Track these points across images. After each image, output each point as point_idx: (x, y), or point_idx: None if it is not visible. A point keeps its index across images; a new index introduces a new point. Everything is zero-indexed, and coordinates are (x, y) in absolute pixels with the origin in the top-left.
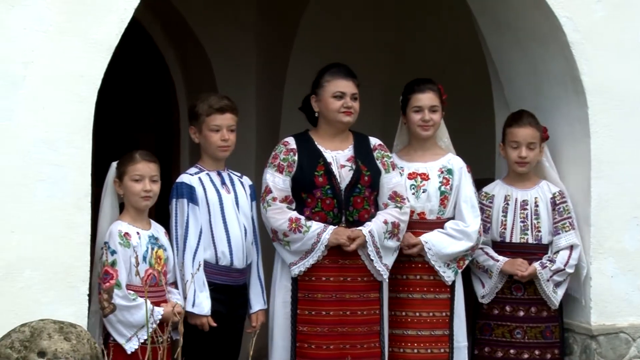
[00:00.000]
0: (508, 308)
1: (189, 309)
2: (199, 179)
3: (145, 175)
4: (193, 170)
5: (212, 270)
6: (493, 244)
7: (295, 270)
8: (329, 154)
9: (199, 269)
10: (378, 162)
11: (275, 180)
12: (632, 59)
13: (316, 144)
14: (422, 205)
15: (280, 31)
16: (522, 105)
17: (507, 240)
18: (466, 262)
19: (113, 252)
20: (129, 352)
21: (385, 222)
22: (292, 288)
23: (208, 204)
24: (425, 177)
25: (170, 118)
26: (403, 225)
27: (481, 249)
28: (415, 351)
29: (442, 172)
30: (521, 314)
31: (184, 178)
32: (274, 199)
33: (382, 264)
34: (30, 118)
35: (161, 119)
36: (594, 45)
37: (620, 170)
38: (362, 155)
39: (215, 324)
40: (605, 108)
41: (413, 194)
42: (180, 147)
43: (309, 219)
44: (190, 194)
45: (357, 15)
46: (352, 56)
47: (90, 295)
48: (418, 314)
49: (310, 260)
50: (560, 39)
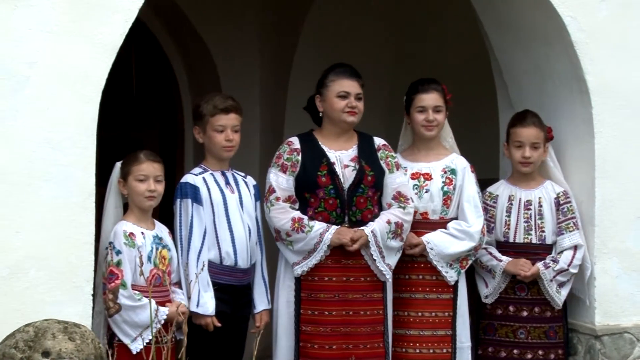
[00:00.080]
0: (511, 308)
1: (194, 309)
2: (203, 179)
3: (149, 175)
4: (197, 170)
5: (216, 270)
6: (497, 244)
7: (298, 270)
8: (333, 154)
9: (203, 269)
10: (382, 162)
11: (279, 180)
12: (637, 58)
13: (320, 144)
14: (425, 205)
15: (284, 31)
16: (526, 105)
17: (511, 240)
18: (469, 262)
19: (118, 252)
20: (134, 352)
21: (389, 222)
22: (296, 288)
23: (212, 204)
24: (428, 177)
25: (174, 118)
26: (407, 225)
27: (485, 249)
28: (418, 351)
29: (445, 172)
30: (525, 314)
31: (188, 178)
32: (277, 199)
33: (385, 264)
34: (35, 118)
35: (165, 119)
36: (598, 45)
37: (625, 171)
38: (366, 155)
39: (219, 324)
40: (609, 108)
41: (416, 194)
42: (184, 147)
43: (311, 218)
44: (194, 194)
45: (361, 15)
46: (356, 56)
47: (94, 295)
48: (420, 314)
49: (313, 260)
50: (564, 39)
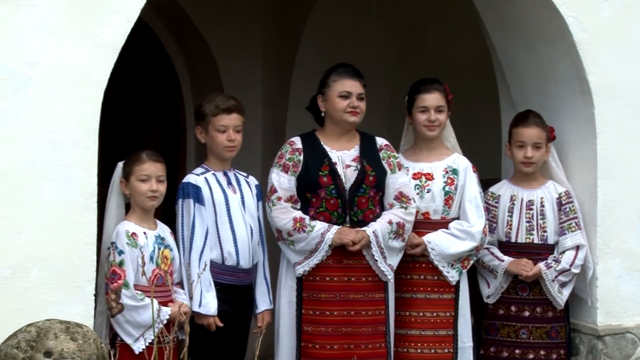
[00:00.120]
0: (513, 308)
1: (196, 309)
2: (205, 179)
3: (151, 175)
4: (199, 170)
5: (218, 270)
6: (499, 244)
7: (300, 270)
8: (335, 154)
9: (205, 269)
10: (384, 163)
11: (281, 180)
12: (639, 58)
13: (322, 144)
14: (427, 205)
15: (286, 31)
16: (529, 105)
17: (513, 240)
18: (471, 262)
19: (120, 252)
20: (136, 352)
21: (390, 223)
22: (297, 288)
23: (214, 204)
24: (429, 177)
25: (176, 118)
26: (408, 225)
27: (487, 249)
28: (419, 351)
29: (447, 172)
30: (526, 314)
31: (190, 178)
32: (279, 199)
33: (387, 264)
34: (37, 118)
35: (167, 119)
36: (600, 45)
37: (627, 171)
38: (368, 156)
39: (221, 324)
40: (611, 108)
41: (417, 194)
42: (186, 147)
43: (313, 218)
44: (196, 194)
45: (364, 15)
46: (358, 56)
47: (96, 295)
48: (422, 314)
49: (314, 260)
50: (566, 39)
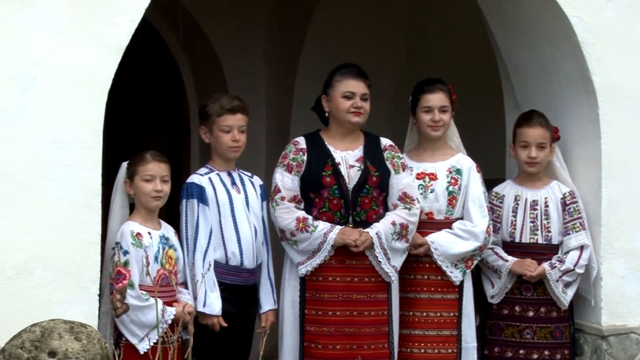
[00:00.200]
0: (517, 308)
1: (200, 309)
2: (209, 179)
3: (156, 176)
4: (203, 170)
5: (222, 270)
6: (503, 244)
7: (303, 270)
8: (339, 154)
9: (209, 269)
10: (388, 163)
11: (284, 180)
12: None
13: (326, 144)
14: (430, 206)
15: (290, 31)
16: (533, 105)
17: (517, 240)
18: (474, 262)
19: (125, 253)
20: (141, 352)
21: (393, 224)
22: (300, 288)
23: (218, 204)
24: (433, 177)
25: (180, 118)
26: (412, 226)
27: (491, 249)
28: (423, 351)
29: (451, 172)
30: (531, 314)
31: (194, 178)
32: (283, 199)
33: (391, 265)
34: (41, 118)
35: (171, 118)
36: (604, 45)
37: (631, 171)
38: (372, 156)
39: (225, 324)
40: (616, 108)
41: (421, 194)
42: (190, 147)
43: (316, 218)
44: (200, 194)
45: (368, 15)
46: (363, 56)
47: (100, 296)
48: (425, 314)
49: (317, 260)
50: (571, 39)
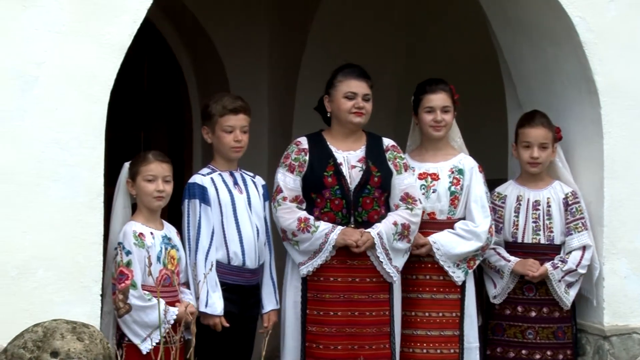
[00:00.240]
0: (520, 308)
1: (202, 309)
2: (211, 179)
3: (158, 176)
4: (205, 170)
5: (224, 270)
6: (505, 245)
7: (304, 270)
8: (341, 155)
9: (211, 270)
10: (390, 163)
11: (286, 180)
12: None
13: (328, 144)
14: (432, 206)
15: (292, 31)
16: (535, 105)
17: (519, 240)
18: (477, 263)
19: (128, 253)
20: (144, 352)
21: (395, 224)
22: (302, 288)
23: (220, 204)
24: (435, 177)
25: (182, 118)
26: (414, 227)
27: (493, 249)
28: (425, 351)
29: (453, 172)
30: (533, 314)
31: (196, 179)
32: (284, 199)
33: (392, 265)
34: (43, 118)
35: (173, 119)
36: (607, 45)
37: (634, 171)
38: (374, 156)
39: (227, 325)
40: (618, 108)
41: (423, 194)
42: (192, 148)
43: (318, 219)
44: (202, 194)
45: (370, 15)
46: (365, 56)
47: (103, 296)
48: (427, 314)
49: (318, 260)
50: (573, 39)
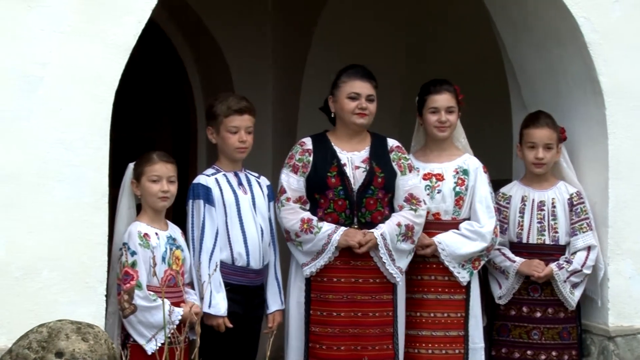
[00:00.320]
0: (525, 309)
1: (206, 309)
2: (216, 179)
3: (162, 176)
4: (210, 171)
5: (229, 270)
6: (510, 245)
7: (307, 271)
8: (345, 155)
9: (215, 270)
10: (394, 164)
11: (290, 181)
12: None
13: (332, 145)
14: (437, 206)
15: (297, 31)
16: (540, 105)
17: (524, 241)
18: (482, 263)
19: (133, 253)
20: (149, 353)
21: (399, 225)
22: (306, 289)
23: (224, 204)
24: (440, 178)
25: (187, 118)
26: (418, 227)
27: (498, 249)
28: (430, 352)
29: (458, 173)
30: (538, 314)
31: (200, 179)
32: (288, 199)
33: (395, 266)
34: (48, 119)
35: (178, 119)
36: (612, 45)
37: (638, 172)
38: (378, 157)
39: (231, 325)
40: (623, 109)
41: (428, 194)
42: (197, 148)
43: (321, 219)
44: (206, 195)
45: (375, 15)
46: (370, 56)
47: (107, 296)
48: (432, 315)
49: (321, 261)
50: (578, 40)
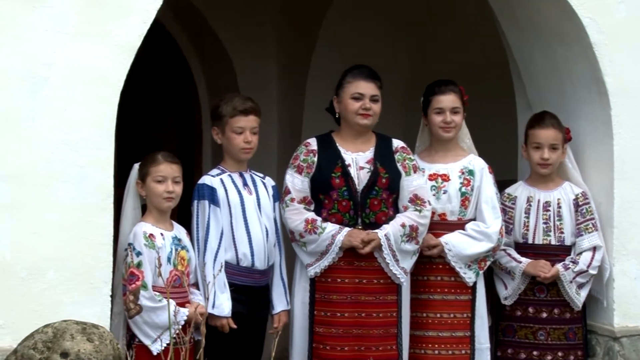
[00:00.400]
0: (531, 309)
1: (209, 310)
2: (221, 180)
3: (167, 177)
4: (215, 171)
5: (233, 271)
6: (515, 246)
7: (312, 272)
8: (349, 156)
9: (220, 271)
10: (399, 165)
11: (294, 181)
12: None
13: (337, 145)
14: (443, 207)
15: (302, 32)
16: (545, 106)
17: (530, 241)
18: (487, 263)
19: (138, 254)
20: (155, 353)
21: (403, 225)
22: (310, 289)
23: (229, 205)
24: (445, 178)
25: (192, 119)
26: (422, 228)
27: (504, 250)
28: (436, 352)
29: (463, 173)
30: (544, 315)
31: (205, 179)
32: (292, 200)
33: (399, 267)
34: (53, 119)
35: (183, 119)
36: (617, 46)
37: None
38: (382, 158)
39: (235, 326)
40: (628, 109)
41: (434, 195)
42: (202, 148)
43: (325, 220)
44: (211, 195)
45: (380, 15)
46: (375, 57)
47: (112, 297)
48: (439, 315)
49: (325, 261)
50: (583, 40)
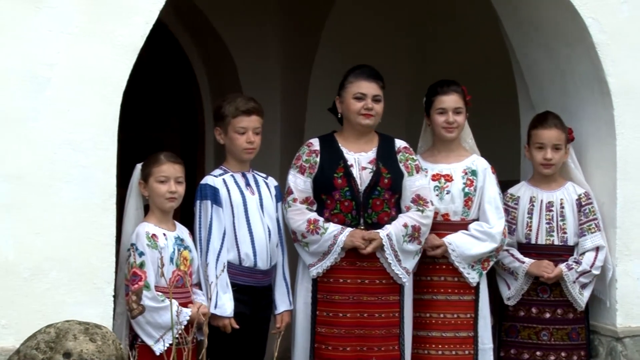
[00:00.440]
0: (534, 310)
1: (212, 310)
2: (223, 180)
3: (170, 177)
4: (217, 171)
5: (236, 271)
6: (518, 246)
7: (314, 272)
8: (352, 156)
9: (223, 271)
10: (401, 165)
11: (297, 182)
12: None
13: (340, 145)
14: (446, 207)
15: (304, 32)
16: (548, 106)
17: (533, 241)
18: (491, 264)
19: (141, 254)
20: (157, 353)
21: (405, 226)
22: (312, 289)
23: (232, 205)
24: (449, 179)
25: (195, 119)
26: (424, 228)
27: (507, 250)
28: (440, 353)
29: (466, 174)
30: (547, 315)
31: (208, 180)
32: (295, 200)
33: (402, 267)
34: (56, 120)
35: (186, 120)
36: (619, 46)
37: None
38: (385, 158)
39: (237, 326)
40: (631, 109)
41: (437, 195)
42: (205, 149)
43: (327, 220)
44: (214, 195)
45: (382, 16)
46: (377, 57)
47: (115, 297)
48: (442, 316)
49: (327, 262)
50: (586, 40)
